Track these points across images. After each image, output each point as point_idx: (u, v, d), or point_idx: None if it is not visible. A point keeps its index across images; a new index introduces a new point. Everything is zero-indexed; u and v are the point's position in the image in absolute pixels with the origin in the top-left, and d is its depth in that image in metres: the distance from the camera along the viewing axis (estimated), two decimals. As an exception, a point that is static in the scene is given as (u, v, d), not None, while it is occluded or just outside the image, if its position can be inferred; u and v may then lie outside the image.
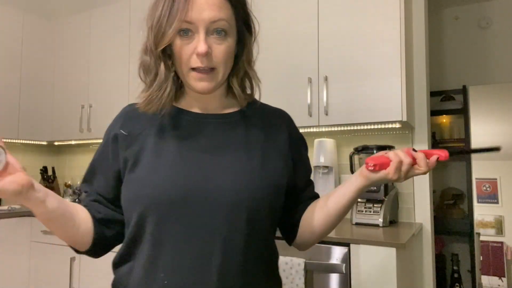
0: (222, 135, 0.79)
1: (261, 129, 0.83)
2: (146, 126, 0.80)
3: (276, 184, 0.78)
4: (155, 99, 0.76)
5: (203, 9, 0.71)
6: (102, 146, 0.86)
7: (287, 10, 2.17)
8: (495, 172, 2.84)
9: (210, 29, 0.72)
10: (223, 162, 0.76)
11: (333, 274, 1.64)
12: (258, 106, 0.87)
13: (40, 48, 3.07)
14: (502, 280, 2.75)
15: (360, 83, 1.96)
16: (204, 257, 0.71)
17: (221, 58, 0.73)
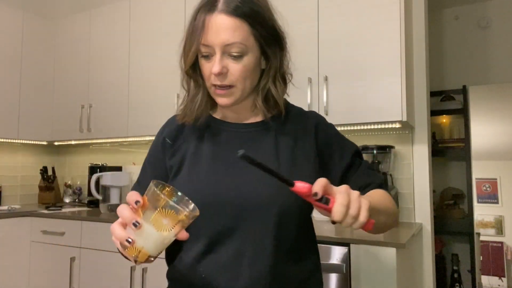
0: (253, 143, 0.85)
1: (290, 135, 0.86)
2: (187, 136, 0.89)
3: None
4: (189, 111, 0.86)
5: (218, 33, 0.76)
6: (152, 148, 0.94)
7: (287, 10, 2.16)
8: (495, 172, 2.84)
9: (227, 51, 0.77)
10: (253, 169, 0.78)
11: (333, 274, 1.64)
12: (291, 111, 0.91)
13: (40, 48, 3.07)
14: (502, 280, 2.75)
15: (360, 83, 1.96)
16: (236, 257, 0.78)
17: (237, 76, 0.79)
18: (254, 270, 0.77)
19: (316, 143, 0.87)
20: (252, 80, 0.82)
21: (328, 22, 2.06)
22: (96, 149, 3.32)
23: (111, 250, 2.26)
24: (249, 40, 0.78)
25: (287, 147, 0.85)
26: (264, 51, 0.82)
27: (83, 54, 2.98)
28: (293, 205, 0.79)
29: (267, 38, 0.81)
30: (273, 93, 0.84)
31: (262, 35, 0.80)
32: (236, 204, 0.78)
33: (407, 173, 2.18)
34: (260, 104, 0.84)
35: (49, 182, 3.22)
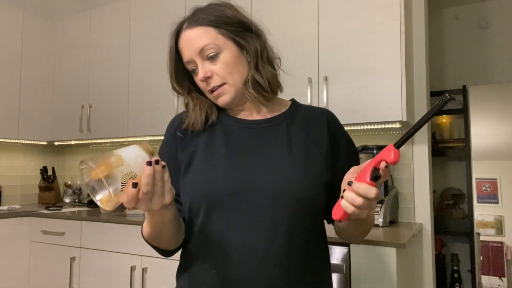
0: (266, 137, 0.87)
1: (303, 129, 0.88)
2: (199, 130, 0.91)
3: (318, 179, 0.83)
4: (195, 120, 0.89)
5: (189, 46, 0.84)
6: (164, 144, 0.95)
7: (287, 10, 2.17)
8: (495, 172, 2.84)
9: (203, 56, 0.84)
10: (267, 160, 0.82)
11: (333, 274, 1.64)
12: (301, 108, 0.94)
13: (40, 48, 3.07)
14: (502, 280, 2.75)
15: (360, 83, 1.96)
16: (248, 248, 0.78)
17: (221, 74, 0.84)
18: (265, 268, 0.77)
19: (329, 137, 0.88)
20: (239, 74, 0.85)
21: (328, 22, 2.06)
22: (96, 149, 3.32)
23: (111, 250, 2.26)
24: (217, 39, 0.83)
25: (300, 139, 0.86)
26: (238, 44, 0.85)
27: (83, 54, 2.98)
28: (308, 196, 0.81)
29: (235, 32, 0.85)
30: (257, 79, 0.86)
31: (229, 30, 0.85)
32: (251, 195, 0.79)
33: (407, 173, 2.18)
34: (252, 92, 0.86)
35: (49, 182, 3.22)
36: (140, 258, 2.16)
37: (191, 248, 0.85)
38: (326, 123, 0.90)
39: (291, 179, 0.80)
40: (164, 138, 0.95)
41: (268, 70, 0.88)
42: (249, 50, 0.86)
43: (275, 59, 0.92)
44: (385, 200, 1.98)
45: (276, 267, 0.78)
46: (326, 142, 0.88)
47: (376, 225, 1.93)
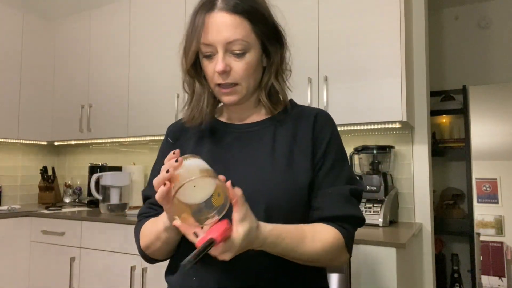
0: (252, 141, 0.85)
1: (290, 131, 0.85)
2: (189, 137, 0.91)
3: (299, 184, 0.79)
4: (196, 113, 0.85)
5: (219, 31, 0.76)
6: (159, 152, 0.95)
7: (287, 10, 2.16)
8: (495, 172, 2.84)
9: (229, 49, 0.78)
10: (250, 166, 0.81)
11: (333, 274, 1.64)
12: (295, 109, 0.90)
13: (40, 48, 3.07)
14: (502, 280, 2.75)
15: (360, 83, 1.96)
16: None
17: (241, 74, 0.79)
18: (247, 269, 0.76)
19: (312, 136, 0.84)
20: (255, 78, 0.83)
21: (328, 22, 2.06)
22: (96, 149, 3.32)
23: (111, 250, 2.26)
24: (250, 37, 0.78)
25: (285, 143, 0.83)
26: (265, 48, 0.83)
27: (83, 54, 2.98)
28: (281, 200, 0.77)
29: (267, 35, 0.82)
30: (276, 89, 0.85)
31: (263, 31, 0.81)
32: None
33: (407, 173, 2.18)
34: (265, 100, 0.85)
35: (49, 182, 3.22)
36: (140, 258, 2.16)
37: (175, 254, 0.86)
38: (313, 122, 0.86)
39: (268, 180, 0.77)
40: (161, 144, 0.97)
41: (283, 80, 0.87)
42: (274, 58, 0.84)
43: (287, 70, 0.89)
44: (385, 200, 1.98)
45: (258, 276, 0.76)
46: (309, 143, 0.84)
47: (376, 225, 1.93)
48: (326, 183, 0.82)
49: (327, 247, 0.76)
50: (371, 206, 1.99)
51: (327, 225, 0.79)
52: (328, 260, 0.79)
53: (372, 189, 2.01)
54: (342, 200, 0.81)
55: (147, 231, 0.83)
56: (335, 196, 0.81)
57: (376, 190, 2.00)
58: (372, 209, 1.97)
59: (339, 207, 0.80)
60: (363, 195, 2.03)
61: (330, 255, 0.77)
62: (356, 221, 0.83)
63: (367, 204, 2.00)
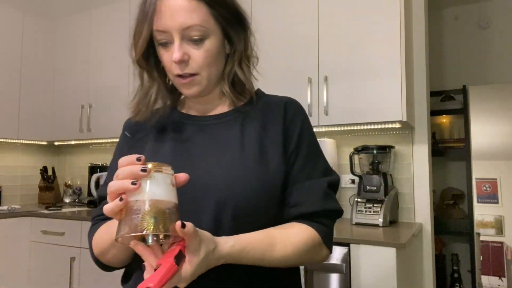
0: (218, 134, 0.77)
1: (259, 122, 0.78)
2: (147, 130, 0.82)
3: (271, 180, 0.73)
4: (142, 107, 0.78)
5: (173, 16, 0.69)
6: (117, 146, 0.88)
7: (287, 10, 2.17)
8: (495, 172, 2.84)
9: (186, 36, 0.70)
10: (216, 160, 0.73)
11: (333, 274, 1.64)
12: (261, 99, 0.83)
13: (40, 48, 3.07)
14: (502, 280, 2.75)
15: (360, 83, 1.96)
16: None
17: (200, 63, 0.72)
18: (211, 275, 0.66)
19: (283, 127, 0.78)
20: (217, 67, 0.76)
21: (328, 22, 2.06)
22: (96, 149, 3.32)
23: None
24: (209, 22, 0.71)
25: (254, 136, 0.76)
26: (226, 33, 0.76)
27: (83, 54, 2.98)
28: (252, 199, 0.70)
29: (228, 19, 0.75)
30: (240, 77, 0.78)
31: (222, 15, 0.73)
32: (192, 197, 0.69)
33: (407, 173, 2.18)
34: (227, 90, 0.78)
35: (49, 182, 3.22)
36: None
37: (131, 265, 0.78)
38: (283, 111, 0.80)
39: (238, 179, 0.70)
40: (118, 143, 0.88)
41: (249, 68, 0.80)
42: (236, 44, 0.77)
43: (253, 57, 0.82)
44: (385, 200, 1.98)
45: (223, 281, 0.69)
46: (280, 134, 0.77)
47: (376, 225, 1.93)
48: (302, 177, 0.76)
49: (300, 249, 0.71)
50: (371, 206, 1.99)
51: (301, 225, 0.74)
52: (305, 260, 0.74)
53: (372, 189, 2.01)
54: (320, 195, 0.76)
55: (101, 238, 0.74)
56: (313, 190, 0.76)
57: (376, 190, 2.00)
58: (372, 209, 1.97)
59: (318, 202, 0.75)
60: (363, 195, 2.04)
61: (304, 256, 0.73)
62: (335, 215, 0.78)
63: (367, 204, 2.00)
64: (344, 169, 2.31)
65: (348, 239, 1.63)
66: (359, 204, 2.02)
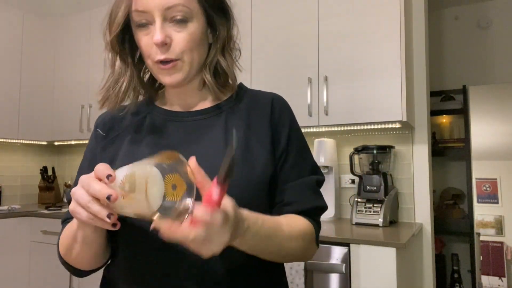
0: (200, 131, 0.73)
1: (243, 118, 0.75)
2: (123, 128, 0.77)
3: (258, 179, 0.70)
4: (112, 95, 0.72)
5: None
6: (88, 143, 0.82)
7: (287, 10, 2.17)
8: (495, 172, 2.84)
9: (168, 16, 0.66)
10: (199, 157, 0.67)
11: (333, 274, 1.64)
12: (247, 94, 0.79)
13: (40, 48, 3.07)
14: (502, 280, 2.75)
15: (360, 83, 1.96)
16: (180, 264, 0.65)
17: (183, 47, 0.67)
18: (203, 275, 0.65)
19: (271, 125, 0.75)
20: (199, 53, 0.71)
21: (328, 22, 2.06)
22: (96, 149, 3.32)
23: (111, 250, 2.26)
24: (192, 3, 0.68)
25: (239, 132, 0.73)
26: (210, 20, 0.72)
27: (83, 54, 2.98)
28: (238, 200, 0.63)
29: (212, 5, 0.71)
30: (223, 66, 0.74)
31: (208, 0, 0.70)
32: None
33: (407, 173, 2.18)
34: (210, 80, 0.73)
35: (49, 182, 3.22)
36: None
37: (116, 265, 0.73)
38: (270, 108, 0.76)
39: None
40: (90, 137, 0.82)
41: (232, 59, 0.76)
42: (219, 32, 0.73)
43: (236, 50, 0.78)
44: (385, 200, 1.98)
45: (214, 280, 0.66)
46: (268, 132, 0.74)
47: (376, 225, 1.93)
48: (293, 175, 0.75)
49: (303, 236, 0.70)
50: (371, 206, 1.99)
51: (299, 216, 0.73)
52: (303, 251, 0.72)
53: (372, 189, 2.01)
54: (311, 193, 0.75)
55: (64, 236, 0.71)
56: (304, 188, 0.75)
57: (376, 190, 2.00)
58: (372, 209, 1.97)
59: (310, 200, 0.74)
60: (363, 195, 2.04)
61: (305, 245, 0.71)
62: (322, 212, 0.78)
63: (367, 204, 2.00)
64: (344, 169, 2.31)
65: (348, 239, 1.63)
66: (359, 204, 2.02)
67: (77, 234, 0.63)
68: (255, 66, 2.19)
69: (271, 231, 0.64)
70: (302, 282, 1.63)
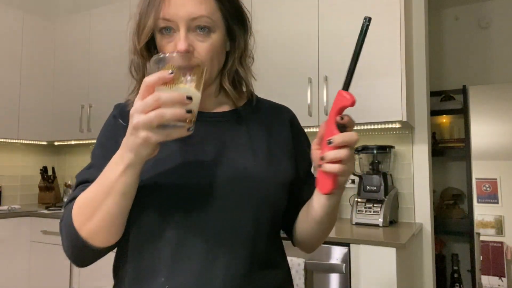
0: (225, 132, 0.77)
1: (263, 126, 0.80)
2: None
3: (282, 182, 0.77)
4: None
5: (181, 5, 0.68)
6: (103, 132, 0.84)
7: (287, 10, 2.17)
8: (495, 172, 2.84)
9: (192, 26, 0.69)
10: (227, 159, 0.73)
11: (333, 274, 1.64)
12: (259, 102, 0.85)
13: (40, 48, 3.07)
14: (502, 280, 2.75)
15: (360, 83, 1.96)
16: (208, 259, 0.67)
17: (204, 56, 0.70)
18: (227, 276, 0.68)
19: (292, 137, 0.83)
20: (219, 62, 0.75)
21: (328, 22, 2.06)
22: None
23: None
24: (215, 15, 0.71)
25: (262, 138, 0.79)
26: (230, 30, 0.76)
27: (83, 54, 2.98)
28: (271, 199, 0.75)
29: (233, 16, 0.75)
30: (241, 74, 0.79)
31: (228, 11, 0.74)
32: (210, 194, 0.69)
33: (407, 173, 2.18)
34: (228, 86, 0.77)
35: (49, 182, 3.22)
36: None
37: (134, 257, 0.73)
38: (289, 122, 0.84)
39: (255, 180, 0.72)
40: (103, 129, 0.84)
41: (248, 67, 0.81)
42: (238, 42, 0.78)
43: (249, 58, 0.83)
44: (385, 200, 1.98)
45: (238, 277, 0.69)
46: (289, 143, 0.82)
47: (376, 225, 1.93)
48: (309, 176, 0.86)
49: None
50: (371, 206, 1.99)
51: None
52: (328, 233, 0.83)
53: (372, 189, 2.01)
54: None
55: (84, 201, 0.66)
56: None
57: (376, 190, 2.00)
58: (372, 209, 1.97)
59: None
60: (363, 195, 2.04)
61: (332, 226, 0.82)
62: None
63: (367, 204, 2.00)
64: (344, 169, 2.31)
65: (348, 239, 1.63)
66: (359, 204, 2.02)
67: (116, 185, 0.61)
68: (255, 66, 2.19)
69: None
70: (302, 282, 1.63)
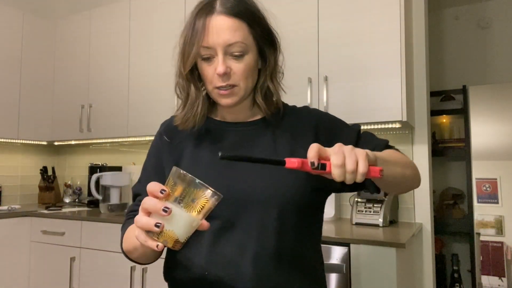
0: (251, 140, 0.87)
1: (288, 131, 0.88)
2: (185, 136, 0.91)
3: (305, 184, 0.82)
4: (190, 116, 0.86)
5: (219, 34, 0.78)
6: (152, 150, 0.96)
7: (287, 10, 2.17)
8: (495, 172, 2.84)
9: (228, 51, 0.79)
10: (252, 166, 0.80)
11: (333, 274, 1.64)
12: (286, 110, 0.93)
13: (40, 48, 3.07)
14: (502, 280, 2.75)
15: (360, 83, 1.96)
16: (239, 252, 0.79)
17: (240, 76, 0.81)
18: (257, 266, 0.78)
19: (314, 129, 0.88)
20: (252, 79, 0.85)
21: (328, 22, 2.06)
22: (96, 149, 3.32)
23: (111, 250, 2.26)
24: (248, 39, 0.81)
25: (286, 142, 0.86)
26: (261, 50, 0.86)
27: (83, 54, 2.98)
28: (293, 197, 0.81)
29: (263, 38, 0.85)
30: (271, 90, 0.88)
31: (259, 34, 0.84)
32: (236, 198, 0.80)
33: (407, 173, 2.17)
34: (261, 101, 0.87)
35: (49, 182, 3.22)
36: (140, 258, 2.16)
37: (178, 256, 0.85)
38: (314, 128, 0.89)
39: (276, 182, 0.81)
40: (153, 142, 0.96)
41: (278, 82, 0.90)
42: (269, 60, 0.87)
43: (279, 73, 0.92)
44: (385, 200, 1.98)
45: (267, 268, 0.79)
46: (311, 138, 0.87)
47: (376, 225, 1.93)
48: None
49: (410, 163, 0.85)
50: (371, 206, 1.99)
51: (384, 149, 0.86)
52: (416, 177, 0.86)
53: (372, 189, 2.01)
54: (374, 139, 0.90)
55: (128, 237, 0.82)
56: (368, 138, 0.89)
57: (376, 190, 1.99)
58: (372, 209, 1.97)
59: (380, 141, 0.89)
60: (362, 195, 2.04)
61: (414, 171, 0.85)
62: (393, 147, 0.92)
63: (367, 204, 2.00)
64: (344, 169, 2.30)
65: (348, 239, 1.63)
66: (359, 204, 2.03)
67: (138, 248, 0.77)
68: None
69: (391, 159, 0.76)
70: (302, 282, 1.63)
